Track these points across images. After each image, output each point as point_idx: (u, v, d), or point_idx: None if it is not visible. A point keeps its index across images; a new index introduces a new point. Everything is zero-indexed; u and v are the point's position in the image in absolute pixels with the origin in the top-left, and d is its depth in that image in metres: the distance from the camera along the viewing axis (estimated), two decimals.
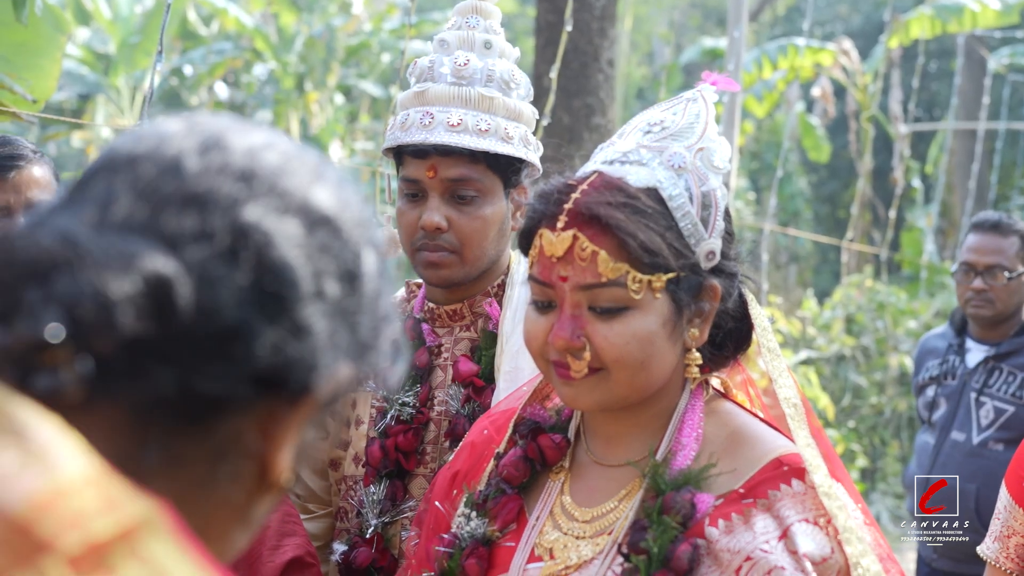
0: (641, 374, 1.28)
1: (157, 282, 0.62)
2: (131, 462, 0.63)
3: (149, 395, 0.63)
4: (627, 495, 1.33)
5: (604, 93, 5.48)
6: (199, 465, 0.65)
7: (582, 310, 1.28)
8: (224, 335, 0.64)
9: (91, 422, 0.62)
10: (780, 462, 1.29)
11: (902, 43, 9.11)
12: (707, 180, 1.31)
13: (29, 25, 3.02)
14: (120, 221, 0.64)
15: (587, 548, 1.31)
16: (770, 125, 12.02)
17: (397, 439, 1.84)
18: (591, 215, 1.26)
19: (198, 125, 0.70)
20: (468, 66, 1.83)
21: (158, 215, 0.65)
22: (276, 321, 0.65)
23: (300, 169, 0.70)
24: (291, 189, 0.69)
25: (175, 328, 0.62)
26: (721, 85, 1.41)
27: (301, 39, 11.61)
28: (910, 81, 10.24)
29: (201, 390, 0.63)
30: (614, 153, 1.33)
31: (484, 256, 1.84)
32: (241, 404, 0.65)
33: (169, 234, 0.64)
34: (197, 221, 0.65)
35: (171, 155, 0.67)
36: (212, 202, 0.66)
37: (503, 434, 1.47)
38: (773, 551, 1.21)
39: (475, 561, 1.37)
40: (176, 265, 0.63)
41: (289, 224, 0.67)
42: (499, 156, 1.81)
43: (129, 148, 0.69)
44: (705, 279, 1.31)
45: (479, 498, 1.41)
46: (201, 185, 0.66)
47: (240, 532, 0.70)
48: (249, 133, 0.71)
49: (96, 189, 0.67)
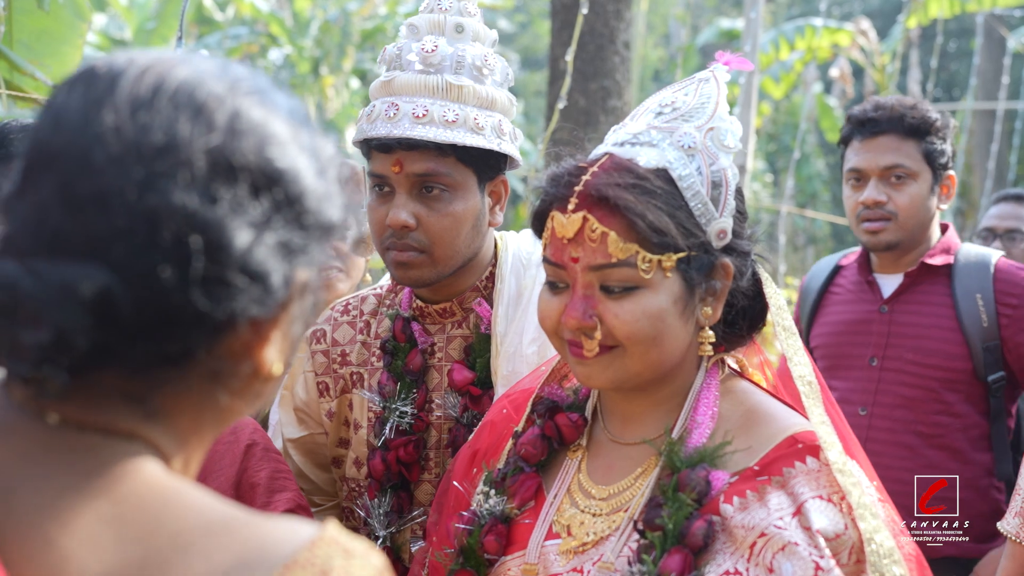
0: (654, 351, 1.30)
1: (98, 299, 0.71)
2: (145, 403, 0.77)
3: (131, 363, 0.74)
4: (643, 473, 1.35)
5: (620, 75, 5.46)
6: (200, 389, 0.78)
7: (594, 290, 1.30)
8: (169, 312, 0.73)
9: (98, 385, 0.75)
10: (795, 440, 1.30)
11: (921, 22, 9.02)
12: (717, 160, 1.33)
13: (50, 12, 3.04)
14: (53, 240, 0.72)
15: (603, 525, 1.33)
16: (787, 106, 11.96)
17: (398, 452, 1.79)
18: (600, 196, 1.28)
19: (97, 102, 0.75)
20: (436, 52, 1.72)
21: (81, 223, 0.72)
22: (210, 287, 0.73)
23: (197, 125, 0.74)
24: (188, 155, 0.73)
25: (126, 322, 0.72)
26: (734, 65, 1.42)
27: (316, 23, 11.61)
28: (929, 61, 10.15)
29: (171, 352, 0.75)
30: (625, 135, 1.35)
31: (456, 255, 1.74)
32: (215, 335, 0.76)
33: (95, 240, 0.72)
34: (112, 220, 0.72)
35: (78, 150, 0.73)
36: (121, 197, 0.72)
37: (521, 413, 1.49)
38: (787, 527, 1.23)
39: (494, 538, 1.39)
40: (109, 274, 0.71)
41: (191, 196, 0.73)
42: (469, 148, 1.69)
43: (46, 145, 0.75)
44: (716, 258, 1.33)
45: (498, 476, 1.44)
46: (107, 180, 0.72)
47: (254, 404, 0.83)
48: (145, 88, 0.75)
49: (30, 199, 0.74)
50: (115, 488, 0.74)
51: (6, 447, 0.75)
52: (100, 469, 0.74)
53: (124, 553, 0.71)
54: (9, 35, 2.97)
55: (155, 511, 0.73)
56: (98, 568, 0.70)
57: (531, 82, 16.93)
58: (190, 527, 0.72)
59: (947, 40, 12.56)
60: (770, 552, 1.22)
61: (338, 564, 0.71)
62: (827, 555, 1.21)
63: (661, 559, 1.24)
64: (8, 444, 0.75)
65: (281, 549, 0.71)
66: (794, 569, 1.20)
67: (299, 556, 0.71)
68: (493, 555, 1.39)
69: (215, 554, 0.71)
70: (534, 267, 1.83)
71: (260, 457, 1.67)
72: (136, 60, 0.77)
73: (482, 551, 1.39)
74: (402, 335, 1.83)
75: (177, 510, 0.73)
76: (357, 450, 1.86)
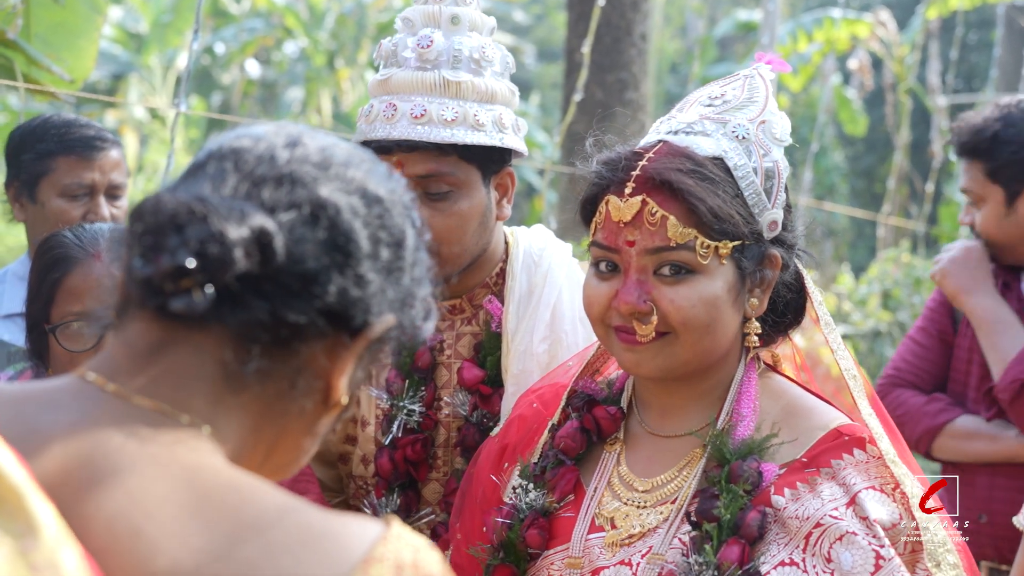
0: (707, 338, 1.29)
1: (262, 232, 0.82)
2: (234, 371, 0.83)
3: (250, 320, 0.83)
4: (688, 464, 1.34)
5: (637, 67, 5.43)
6: (282, 380, 0.86)
7: (648, 275, 1.29)
8: (306, 278, 0.84)
9: (204, 338, 0.83)
10: (840, 432, 1.30)
11: (940, 13, 8.95)
12: (770, 152, 1.33)
13: (66, 6, 3.04)
14: (231, 192, 0.85)
15: (651, 517, 1.32)
16: (805, 99, 11.88)
17: (406, 450, 1.76)
18: (661, 180, 1.27)
19: (283, 128, 0.92)
20: (432, 48, 1.66)
21: (258, 190, 0.85)
22: (343, 271, 0.85)
23: (360, 162, 0.91)
24: (354, 176, 0.89)
25: (271, 269, 0.82)
26: (776, 67, 1.42)
27: (332, 16, 11.61)
28: (948, 52, 10.06)
29: (287, 319, 0.83)
30: (677, 124, 1.35)
31: (464, 253, 1.70)
32: (315, 333, 0.85)
33: (267, 203, 0.84)
34: (287, 195, 0.85)
35: (264, 147, 0.88)
36: (298, 182, 0.86)
37: (552, 407, 1.47)
38: (843, 517, 1.23)
39: (536, 531, 1.38)
40: (274, 223, 0.83)
41: (353, 200, 0.87)
42: (471, 145, 1.65)
43: (231, 143, 0.89)
44: (767, 248, 1.33)
45: (536, 470, 1.42)
46: (289, 169, 0.87)
47: (309, 441, 0.90)
48: (319, 136, 0.92)
49: (208, 171, 0.87)
50: (196, 478, 0.78)
51: (87, 433, 0.79)
52: (179, 457, 0.79)
53: (213, 547, 0.75)
54: (27, 29, 2.98)
55: (237, 505, 0.77)
56: (189, 561, 0.74)
57: (547, 74, 16.89)
58: (272, 524, 0.77)
59: (967, 31, 12.45)
60: (827, 542, 1.22)
61: (408, 557, 0.77)
62: (887, 544, 1.21)
63: (718, 550, 1.24)
64: (89, 431, 0.79)
65: (358, 545, 0.77)
66: (854, 559, 1.21)
67: (375, 552, 0.77)
68: (536, 549, 1.38)
69: (298, 552, 0.76)
70: (545, 264, 1.80)
71: None
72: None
73: (524, 545, 1.38)
74: None
75: (258, 507, 0.77)
76: (364, 448, 1.83)
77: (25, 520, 0.69)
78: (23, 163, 2.34)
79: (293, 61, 12.34)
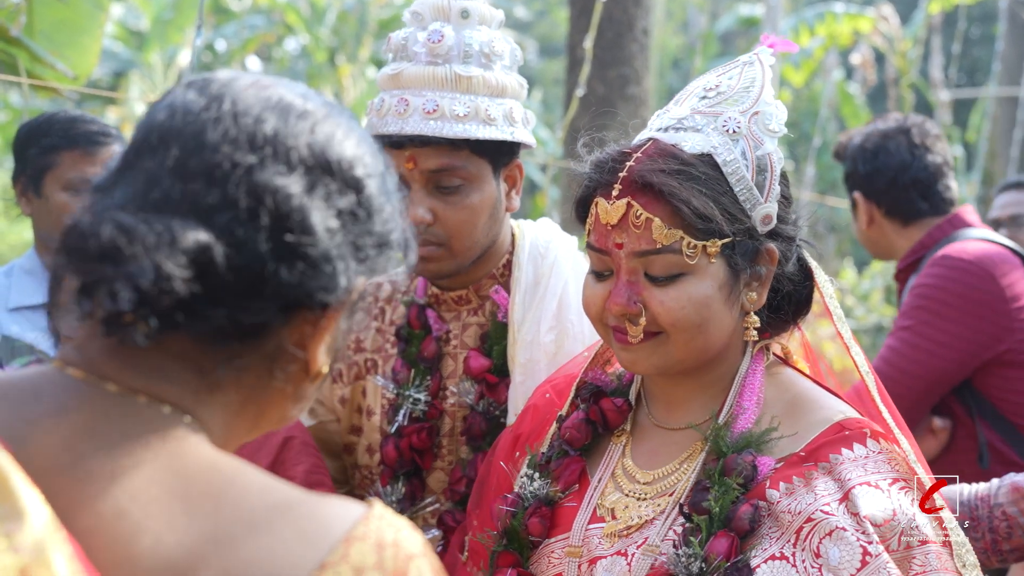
0: (699, 337, 1.29)
1: (198, 251, 0.79)
2: (208, 375, 0.83)
3: (210, 328, 0.81)
4: (688, 457, 1.35)
5: (639, 63, 5.42)
6: (258, 369, 0.85)
7: (638, 276, 1.30)
8: (257, 278, 0.81)
9: (166, 352, 0.82)
10: (841, 427, 1.30)
11: (943, 7, 8.94)
12: (762, 144, 1.32)
13: (69, 3, 3.05)
14: (161, 202, 0.81)
15: (648, 509, 1.33)
16: (808, 94, 11.87)
17: (411, 439, 1.78)
18: (645, 183, 1.27)
19: (208, 89, 0.86)
20: (442, 42, 1.67)
21: (190, 189, 0.81)
22: (295, 260, 0.82)
23: (297, 117, 0.85)
24: (292, 144, 0.83)
25: (217, 281, 0.80)
26: (780, 47, 1.41)
27: (333, 12, 11.60)
28: (951, 47, 10.04)
29: (246, 321, 0.82)
30: (669, 120, 1.34)
31: (475, 245, 1.72)
32: (282, 322, 0.84)
33: (200, 206, 0.80)
34: (220, 192, 0.81)
35: (192, 130, 0.83)
36: (230, 173, 0.81)
37: (564, 398, 1.49)
38: (834, 513, 1.23)
39: (538, 520, 1.39)
40: (208, 235, 0.79)
41: (294, 178, 0.82)
42: (482, 139, 1.67)
43: (160, 124, 0.84)
44: (762, 243, 1.32)
45: (542, 459, 1.44)
46: (219, 158, 0.82)
47: (294, 407, 0.91)
48: (245, 94, 0.85)
49: (138, 170, 0.83)
50: (179, 462, 0.79)
51: (69, 421, 0.79)
52: (161, 442, 0.79)
53: (196, 527, 0.75)
54: (30, 26, 2.98)
55: (220, 487, 0.78)
56: (172, 540, 0.74)
57: (549, 70, 16.87)
58: (254, 504, 0.78)
59: (970, 25, 12.43)
60: (817, 537, 1.22)
61: (389, 536, 0.78)
62: (875, 541, 1.21)
63: (707, 542, 1.24)
64: (70, 418, 0.79)
65: (339, 525, 0.78)
66: (841, 554, 1.20)
67: (356, 530, 0.77)
68: (537, 537, 1.39)
69: (280, 530, 0.77)
70: (551, 256, 1.81)
71: (298, 451, 1.68)
72: (243, 74, 0.89)
73: (526, 533, 1.39)
74: (417, 322, 1.82)
75: (241, 487, 0.78)
76: (370, 437, 1.84)
77: (10, 503, 0.70)
78: (29, 158, 2.36)
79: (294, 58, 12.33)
